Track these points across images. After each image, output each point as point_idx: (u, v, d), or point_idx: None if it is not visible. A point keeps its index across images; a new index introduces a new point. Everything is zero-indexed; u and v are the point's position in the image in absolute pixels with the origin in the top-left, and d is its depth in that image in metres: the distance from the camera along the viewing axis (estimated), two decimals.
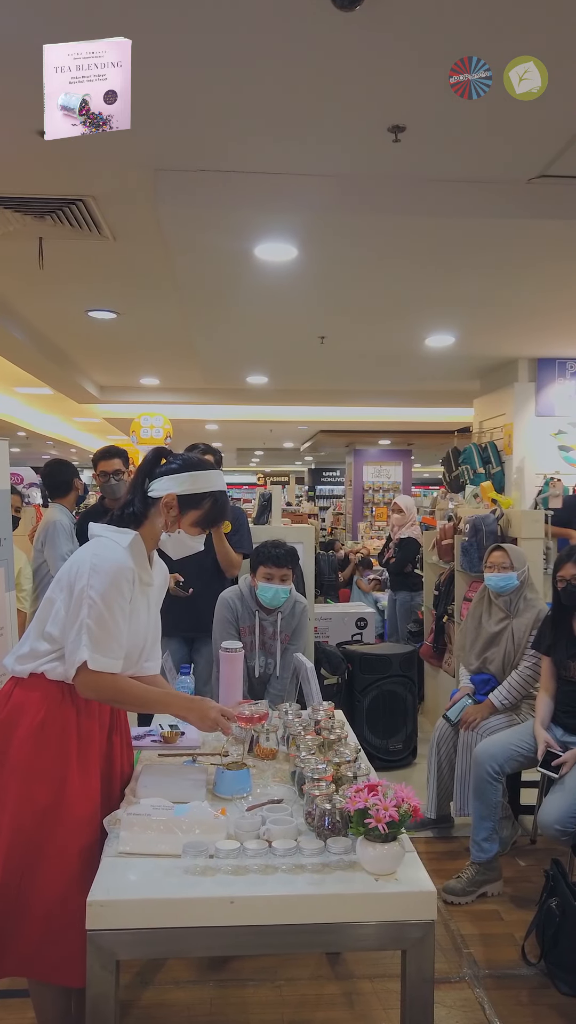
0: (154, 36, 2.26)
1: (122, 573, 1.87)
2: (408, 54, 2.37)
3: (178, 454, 2.10)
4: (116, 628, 1.86)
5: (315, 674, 2.72)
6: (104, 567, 1.85)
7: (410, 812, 1.64)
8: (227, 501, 2.10)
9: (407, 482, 14.04)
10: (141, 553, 1.98)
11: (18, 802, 1.81)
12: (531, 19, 2.18)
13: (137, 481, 2.04)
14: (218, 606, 3.25)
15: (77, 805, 1.85)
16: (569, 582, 3.08)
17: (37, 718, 1.85)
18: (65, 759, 1.86)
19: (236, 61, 2.41)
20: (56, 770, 1.84)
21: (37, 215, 3.70)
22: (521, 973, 2.64)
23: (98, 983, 1.54)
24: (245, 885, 1.60)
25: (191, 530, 2.02)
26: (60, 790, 1.83)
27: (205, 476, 2.02)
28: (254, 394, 8.77)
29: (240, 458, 21.80)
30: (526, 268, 4.00)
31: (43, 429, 12.35)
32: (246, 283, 4.26)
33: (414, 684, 4.77)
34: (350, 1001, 2.48)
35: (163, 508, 1.98)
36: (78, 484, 4.31)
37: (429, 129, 2.81)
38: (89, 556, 1.88)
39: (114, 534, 1.95)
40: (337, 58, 2.39)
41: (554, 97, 2.01)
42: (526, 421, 6.03)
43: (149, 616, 2.05)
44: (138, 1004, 2.43)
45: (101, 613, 1.83)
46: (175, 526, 2.00)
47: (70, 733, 1.88)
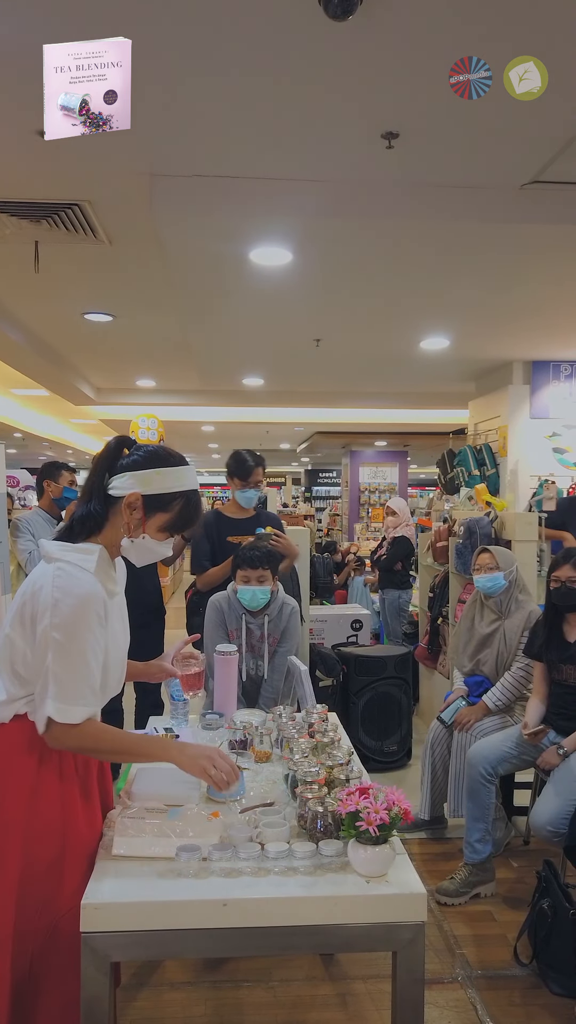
0: (150, 42, 2.27)
1: (89, 605, 1.61)
2: (401, 62, 2.39)
3: (143, 444, 1.79)
4: (86, 669, 1.62)
5: (309, 676, 2.73)
6: (68, 602, 1.59)
7: (401, 815, 1.66)
8: (200, 502, 1.82)
9: (403, 483, 14.07)
10: (107, 566, 1.73)
11: (23, 866, 1.62)
12: (524, 27, 2.21)
13: (96, 477, 1.74)
14: (207, 610, 3.27)
15: (82, 848, 1.70)
16: (564, 583, 3.10)
17: (29, 767, 1.65)
18: (71, 806, 1.70)
19: (232, 68, 2.43)
20: (58, 822, 1.67)
21: (33, 219, 3.72)
22: (513, 973, 2.66)
23: (92, 985, 1.56)
24: (238, 887, 1.62)
25: (157, 535, 1.75)
26: (64, 839, 1.67)
27: (175, 473, 1.74)
28: (250, 396, 8.80)
29: None
30: (519, 272, 4.03)
31: (39, 431, 12.35)
32: (241, 287, 4.28)
33: (409, 686, 4.79)
34: (344, 1002, 2.50)
35: (125, 509, 1.70)
36: (48, 485, 4.37)
37: (422, 135, 2.83)
38: (50, 589, 1.60)
39: (76, 556, 1.66)
40: (331, 66, 2.41)
41: (546, 103, 2.03)
42: (521, 423, 6.06)
43: (123, 624, 1.86)
44: (134, 1006, 2.44)
45: (68, 656, 1.59)
46: (139, 531, 1.73)
47: (68, 773, 1.71)
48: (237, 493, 3.80)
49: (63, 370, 7.47)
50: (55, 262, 4.32)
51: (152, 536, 1.75)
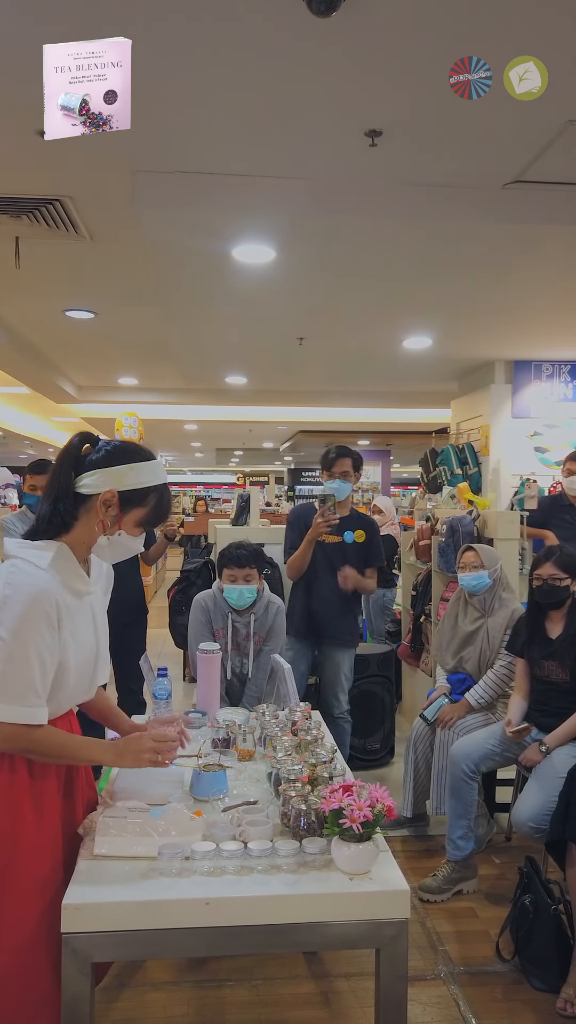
0: (132, 37, 2.25)
1: (39, 603, 1.58)
2: (385, 59, 2.39)
3: (107, 440, 1.79)
4: (30, 671, 1.57)
5: (292, 675, 2.73)
6: (17, 598, 1.57)
7: (384, 812, 1.66)
8: (170, 495, 1.84)
9: (386, 482, 14.12)
10: (70, 564, 1.70)
11: None
12: (509, 26, 2.21)
13: (61, 476, 1.72)
14: (192, 609, 3.27)
15: (32, 864, 1.62)
16: (546, 581, 3.12)
17: None
18: (16, 810, 1.62)
19: (214, 64, 2.42)
20: (5, 824, 1.60)
21: (13, 215, 3.68)
22: (495, 969, 2.67)
23: (74, 986, 1.55)
24: (221, 886, 1.61)
25: (133, 531, 1.75)
26: (11, 849, 1.60)
27: (147, 467, 1.74)
28: (233, 394, 8.77)
29: (220, 458, 21.79)
30: (502, 271, 4.05)
31: (21, 429, 12.26)
32: (224, 285, 4.27)
33: (392, 684, 4.80)
34: (327, 1000, 2.49)
35: (100, 507, 1.69)
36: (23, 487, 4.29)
37: (406, 134, 2.83)
38: (1, 586, 1.59)
39: (31, 552, 1.64)
40: (314, 63, 2.41)
41: (529, 104, 2.03)
42: (503, 422, 6.09)
43: (96, 628, 1.81)
44: (116, 1007, 2.42)
45: (12, 654, 1.55)
46: (115, 527, 1.72)
47: (20, 775, 1.64)
48: (325, 484, 3.83)
49: (44, 368, 7.42)
50: (36, 259, 4.28)
51: (128, 532, 1.74)
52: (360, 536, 3.80)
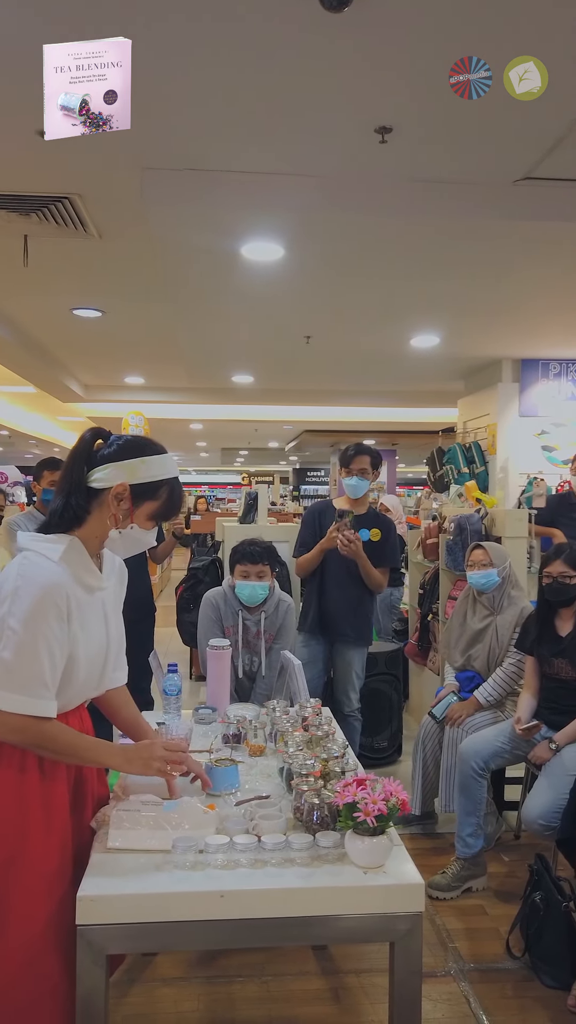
0: (141, 36, 2.26)
1: (49, 596, 1.58)
2: (396, 56, 2.39)
3: (118, 435, 1.79)
4: (39, 663, 1.57)
5: (302, 671, 2.73)
6: (28, 590, 1.57)
7: (398, 805, 1.66)
8: (182, 489, 1.85)
9: (392, 482, 14.10)
10: (82, 558, 1.70)
11: None
12: (519, 24, 2.21)
13: (74, 471, 1.73)
14: (202, 606, 3.26)
15: (41, 861, 1.61)
16: (556, 579, 3.12)
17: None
18: (25, 809, 1.61)
19: (224, 61, 2.42)
20: (13, 820, 1.60)
21: (22, 212, 3.69)
22: (506, 967, 2.67)
23: (89, 978, 1.55)
24: (235, 879, 1.61)
25: (146, 524, 1.75)
26: (19, 845, 1.59)
27: (159, 461, 1.74)
28: (239, 393, 8.78)
29: (225, 457, 21.81)
30: (511, 269, 4.04)
31: (27, 428, 12.29)
32: (232, 282, 4.27)
33: (399, 682, 4.79)
34: (336, 996, 2.49)
35: (112, 500, 1.70)
36: (35, 486, 4.24)
37: (416, 131, 2.83)
38: (13, 576, 1.60)
39: (43, 545, 1.65)
40: (325, 59, 2.41)
41: (540, 100, 2.03)
42: (510, 421, 6.09)
43: (108, 624, 1.80)
44: (126, 1002, 2.43)
45: (21, 645, 1.55)
46: (127, 521, 1.73)
47: (30, 775, 1.64)
48: (343, 481, 3.81)
49: (51, 366, 7.43)
50: (44, 257, 4.29)
51: (140, 525, 1.75)
52: (376, 535, 3.79)
